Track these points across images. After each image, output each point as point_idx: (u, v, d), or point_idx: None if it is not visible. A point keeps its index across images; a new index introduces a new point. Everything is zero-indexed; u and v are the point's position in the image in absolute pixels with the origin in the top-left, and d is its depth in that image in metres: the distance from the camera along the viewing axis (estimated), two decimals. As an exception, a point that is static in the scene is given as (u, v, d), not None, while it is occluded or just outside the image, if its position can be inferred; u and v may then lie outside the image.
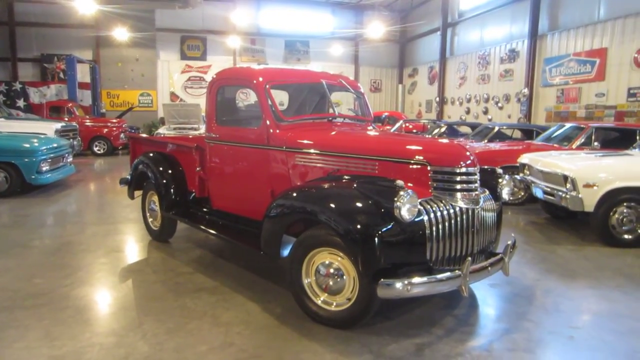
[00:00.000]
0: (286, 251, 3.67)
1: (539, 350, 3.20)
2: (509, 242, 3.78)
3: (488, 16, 18.70)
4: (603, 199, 5.52)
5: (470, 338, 3.32)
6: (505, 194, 4.05)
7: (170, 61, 23.39)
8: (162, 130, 14.55)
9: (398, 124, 15.14)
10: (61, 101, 17.62)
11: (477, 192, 3.55)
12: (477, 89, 19.54)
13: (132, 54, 21.95)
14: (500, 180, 4.06)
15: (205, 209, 5.00)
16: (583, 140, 8.05)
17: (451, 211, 3.33)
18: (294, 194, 3.60)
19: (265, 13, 24.20)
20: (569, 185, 5.69)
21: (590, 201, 5.54)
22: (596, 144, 7.84)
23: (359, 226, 3.08)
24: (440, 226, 3.25)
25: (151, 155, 5.54)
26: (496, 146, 9.08)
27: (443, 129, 12.77)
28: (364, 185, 3.38)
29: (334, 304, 3.37)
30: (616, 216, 5.58)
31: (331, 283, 3.35)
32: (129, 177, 5.90)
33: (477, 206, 3.48)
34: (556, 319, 3.65)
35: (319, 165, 3.92)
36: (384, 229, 3.06)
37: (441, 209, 3.29)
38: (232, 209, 4.67)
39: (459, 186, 3.45)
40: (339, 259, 3.29)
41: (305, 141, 4.04)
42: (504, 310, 3.84)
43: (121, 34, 20.55)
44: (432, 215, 3.23)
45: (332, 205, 3.27)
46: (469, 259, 3.23)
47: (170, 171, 5.24)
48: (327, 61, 24.42)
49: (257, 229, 3.86)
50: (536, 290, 4.23)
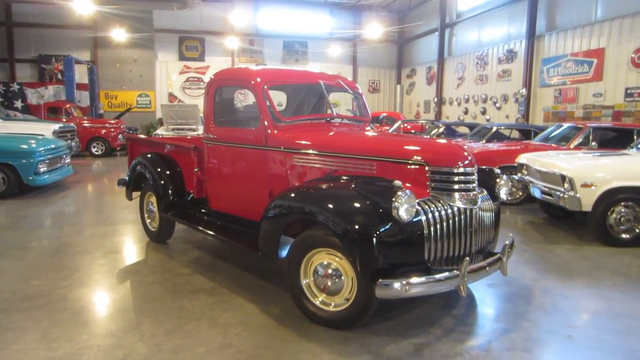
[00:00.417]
0: (284, 252, 3.67)
1: (538, 349, 3.21)
2: (507, 242, 3.78)
3: (486, 17, 18.72)
4: (601, 198, 5.53)
5: (468, 338, 3.32)
6: (503, 193, 4.06)
7: (168, 62, 23.36)
8: (161, 131, 14.55)
9: (396, 125, 15.15)
10: (59, 102, 17.60)
11: (475, 192, 3.55)
12: (475, 89, 19.55)
13: (130, 54, 21.91)
14: (498, 180, 4.06)
15: (203, 210, 4.99)
16: (581, 140, 8.07)
17: (449, 211, 3.33)
18: (292, 195, 3.60)
19: (263, 14, 24.19)
20: (566, 185, 5.70)
21: (588, 201, 5.55)
22: (594, 143, 7.87)
23: (357, 226, 3.08)
24: (438, 226, 3.25)
25: (149, 156, 5.53)
26: (494, 146, 9.09)
27: (441, 130, 12.77)
28: (362, 186, 3.38)
29: (333, 304, 3.37)
30: (614, 216, 5.59)
31: (329, 283, 3.35)
32: (126, 178, 5.89)
33: (475, 206, 3.48)
34: (554, 318, 3.66)
35: (317, 165, 3.92)
36: (382, 229, 3.06)
37: (439, 209, 3.30)
38: (230, 210, 4.67)
39: (456, 186, 3.45)
40: (337, 259, 3.29)
41: (303, 142, 4.03)
42: (502, 310, 3.85)
43: (119, 34, 20.50)
44: (430, 216, 3.23)
45: (330, 206, 3.27)
46: (467, 259, 3.24)
47: (168, 172, 5.23)
48: (326, 62, 24.41)
49: (255, 229, 3.86)
50: (534, 290, 4.24)
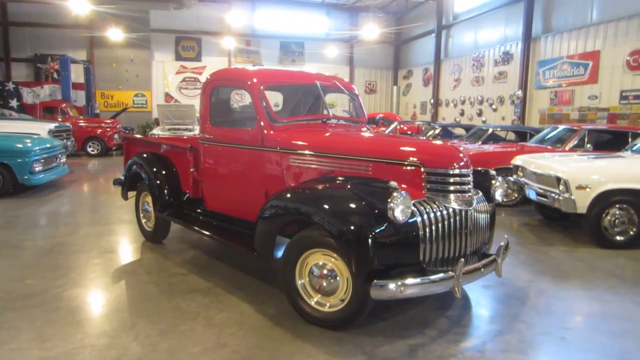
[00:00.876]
0: (280, 252, 3.66)
1: (531, 351, 3.22)
2: (502, 244, 3.79)
3: (482, 19, 18.79)
4: (595, 200, 5.55)
5: (463, 339, 3.33)
6: (499, 195, 4.07)
7: (164, 62, 23.33)
8: (157, 131, 14.52)
9: (393, 126, 15.18)
10: (55, 101, 17.54)
11: (470, 194, 3.56)
12: (471, 91, 19.61)
13: (126, 54, 21.87)
14: (494, 182, 4.07)
15: (199, 210, 4.99)
16: (576, 142, 8.10)
17: (444, 212, 3.34)
18: (288, 195, 3.60)
19: (260, 14, 24.19)
20: (561, 187, 5.72)
21: (582, 203, 5.58)
22: (589, 146, 7.90)
23: (352, 227, 3.09)
24: (434, 227, 3.26)
25: (145, 155, 5.52)
26: (490, 148, 9.12)
27: (437, 131, 12.80)
28: (358, 187, 3.39)
29: (328, 305, 3.37)
30: (608, 218, 5.61)
31: (325, 284, 3.35)
32: (122, 177, 5.88)
33: (470, 207, 3.49)
34: (549, 320, 3.67)
35: (313, 166, 3.92)
36: (378, 230, 3.07)
37: (434, 210, 3.30)
38: (226, 210, 4.67)
39: (452, 187, 3.46)
40: (333, 260, 3.29)
41: (300, 142, 4.04)
42: (497, 312, 3.86)
43: (115, 34, 20.46)
44: (425, 217, 3.24)
45: (326, 207, 3.27)
46: (462, 260, 3.24)
47: (164, 172, 5.22)
48: (322, 63, 24.44)
49: (251, 230, 3.86)
50: (529, 292, 4.25)
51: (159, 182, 5.17)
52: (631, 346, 3.28)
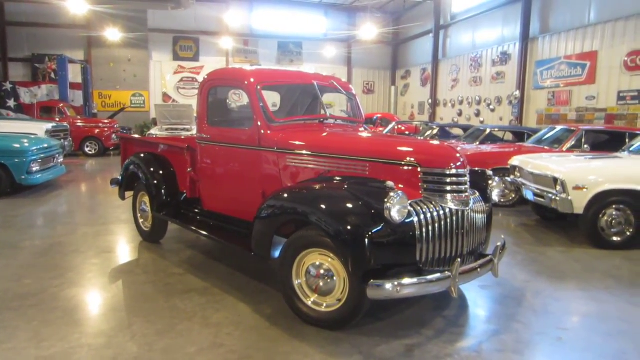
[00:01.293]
0: (277, 252, 3.67)
1: (528, 351, 3.22)
2: (499, 244, 3.80)
3: (480, 19, 18.81)
4: (592, 201, 5.56)
5: (459, 339, 3.34)
6: (495, 195, 4.08)
7: (162, 62, 23.29)
8: (154, 131, 14.50)
9: (391, 126, 15.19)
10: (52, 101, 17.50)
11: (467, 194, 3.57)
12: (469, 91, 19.63)
13: (124, 54, 21.83)
14: (491, 182, 4.08)
15: (196, 210, 4.99)
16: (573, 142, 8.12)
17: (441, 212, 3.34)
18: (285, 195, 3.60)
19: (258, 14, 24.17)
20: (558, 188, 5.73)
21: (579, 203, 5.59)
22: (586, 146, 7.91)
23: (349, 227, 3.09)
24: (430, 227, 3.26)
25: (142, 155, 5.51)
26: (488, 148, 9.14)
27: (435, 131, 12.82)
28: (355, 187, 3.39)
29: (324, 304, 3.38)
30: (605, 218, 5.63)
31: (321, 284, 3.36)
32: (120, 177, 5.87)
33: (467, 208, 3.50)
34: (545, 320, 3.68)
35: (310, 166, 3.93)
36: (374, 230, 3.07)
37: (431, 210, 3.31)
38: (223, 210, 4.67)
39: (449, 187, 3.47)
40: (330, 260, 3.30)
41: (297, 142, 4.04)
42: (493, 312, 3.87)
43: (113, 34, 20.42)
44: (422, 217, 3.24)
45: (323, 206, 3.27)
46: (459, 260, 3.25)
47: (161, 172, 5.22)
48: (320, 63, 24.43)
49: (248, 230, 3.86)
50: (526, 292, 4.26)
51: (156, 182, 5.16)
52: (627, 346, 3.29)
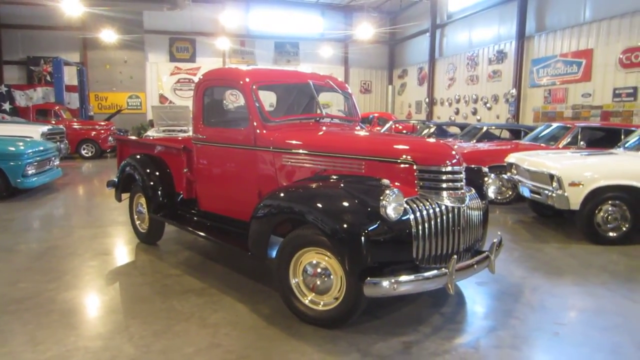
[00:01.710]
0: (274, 251, 3.66)
1: (525, 347, 3.23)
2: (495, 241, 3.79)
3: (476, 18, 18.83)
4: (588, 197, 5.58)
5: (457, 335, 3.34)
6: (492, 192, 4.08)
7: (159, 63, 23.26)
8: (151, 133, 14.49)
9: (388, 125, 15.21)
10: (48, 104, 17.46)
11: (463, 191, 3.57)
12: (466, 89, 19.66)
13: (120, 56, 21.79)
14: (486, 179, 4.08)
15: (193, 211, 4.98)
16: (569, 139, 8.14)
17: (437, 210, 3.35)
18: (281, 194, 3.60)
19: (254, 15, 24.16)
20: (555, 184, 5.74)
21: (575, 199, 5.60)
22: (582, 143, 7.95)
23: (345, 225, 3.09)
24: (427, 225, 3.27)
25: (138, 157, 5.50)
26: (484, 146, 9.15)
27: (432, 130, 12.82)
28: (351, 185, 3.39)
29: (322, 303, 3.38)
30: (601, 214, 5.64)
31: (318, 282, 3.36)
32: (116, 179, 5.86)
33: (463, 205, 3.50)
34: (542, 316, 3.69)
35: (306, 165, 3.93)
36: (371, 228, 3.07)
37: (427, 207, 3.31)
38: (220, 210, 4.66)
39: (444, 185, 3.47)
40: (326, 258, 3.29)
41: (293, 141, 4.04)
42: (490, 308, 3.87)
43: (109, 36, 20.36)
44: (418, 214, 3.24)
45: (319, 205, 3.27)
46: (455, 257, 3.25)
47: (157, 173, 5.21)
48: (317, 63, 24.42)
49: (245, 229, 3.86)
50: (523, 288, 4.27)
51: (152, 183, 5.15)
52: (623, 340, 3.30)
